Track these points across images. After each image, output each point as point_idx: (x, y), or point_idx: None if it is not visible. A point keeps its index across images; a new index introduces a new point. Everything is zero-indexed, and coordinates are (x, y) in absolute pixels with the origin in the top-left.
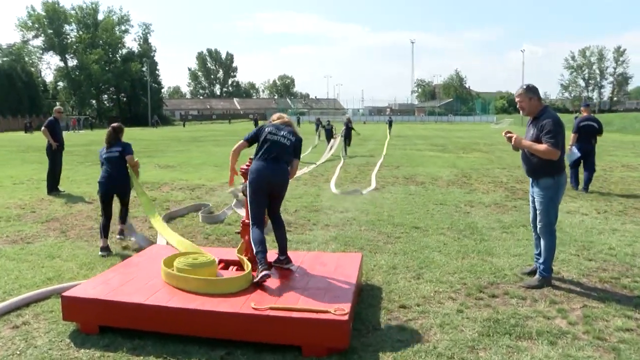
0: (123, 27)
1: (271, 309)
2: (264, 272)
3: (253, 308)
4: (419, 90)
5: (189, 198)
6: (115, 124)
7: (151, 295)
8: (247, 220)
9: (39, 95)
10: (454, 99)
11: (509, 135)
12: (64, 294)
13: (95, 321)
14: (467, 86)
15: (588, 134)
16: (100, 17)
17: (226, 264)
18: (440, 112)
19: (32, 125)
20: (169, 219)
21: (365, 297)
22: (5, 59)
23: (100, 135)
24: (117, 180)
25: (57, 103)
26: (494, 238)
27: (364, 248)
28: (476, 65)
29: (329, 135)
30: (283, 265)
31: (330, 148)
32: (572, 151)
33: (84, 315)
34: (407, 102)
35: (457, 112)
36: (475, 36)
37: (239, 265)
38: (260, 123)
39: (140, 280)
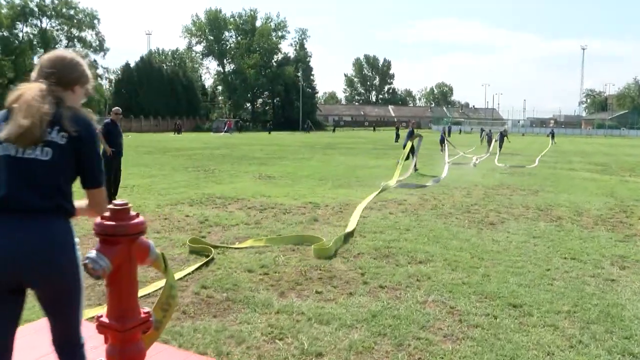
0: (280, 33)
1: None
2: None
3: None
4: (588, 101)
5: (243, 223)
6: None
7: None
8: None
9: (197, 98)
10: (630, 111)
11: None
12: None
13: None
14: None
15: None
16: (258, 23)
17: None
18: (612, 125)
19: (181, 126)
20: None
21: None
22: (169, 64)
23: (245, 138)
24: None
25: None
26: None
27: (400, 348)
28: None
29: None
30: None
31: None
32: None
33: None
34: (574, 113)
35: (633, 125)
36: None
37: None
38: (407, 131)
39: None
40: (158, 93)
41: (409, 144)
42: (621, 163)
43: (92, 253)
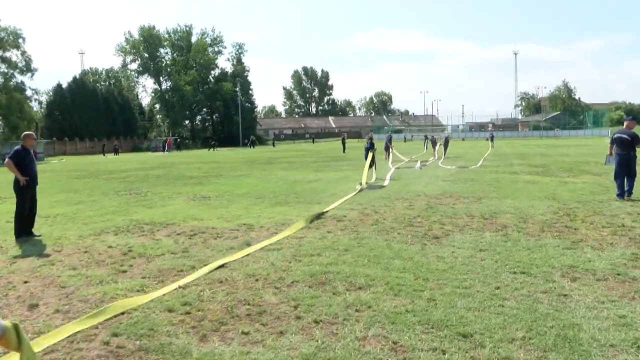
0: (216, 48)
1: None
2: None
3: None
4: (523, 104)
5: (169, 252)
6: None
7: None
8: None
9: (134, 117)
10: (562, 112)
11: None
12: None
13: None
14: (576, 97)
15: None
16: (193, 39)
17: None
18: (546, 127)
19: (116, 147)
20: None
21: None
22: (104, 83)
23: (184, 156)
24: None
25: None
26: None
27: None
28: (587, 77)
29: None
30: None
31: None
32: None
33: None
34: (510, 116)
35: (565, 126)
36: (585, 45)
37: None
38: (355, 142)
39: None
40: (93, 114)
41: (370, 155)
42: (559, 164)
43: None
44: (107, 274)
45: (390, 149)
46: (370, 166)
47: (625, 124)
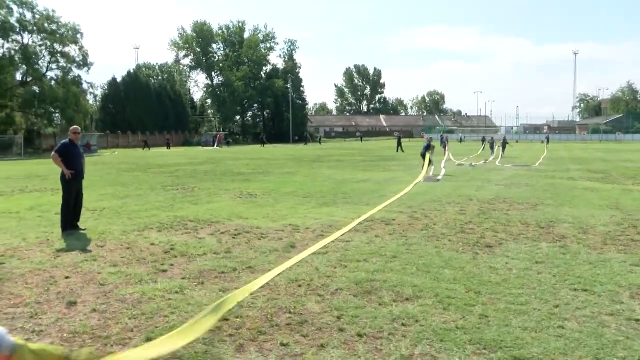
0: (268, 45)
1: None
2: None
3: None
4: (582, 106)
5: (211, 252)
6: None
7: None
8: None
9: (186, 112)
10: (625, 115)
11: None
12: None
13: None
14: None
15: None
16: (246, 35)
17: None
18: (607, 130)
19: (169, 141)
20: None
21: None
22: (157, 78)
23: (233, 152)
24: None
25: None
26: None
27: None
28: None
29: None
30: None
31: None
32: None
33: None
34: (567, 119)
35: (628, 129)
36: None
37: None
38: (406, 141)
39: None
40: (146, 108)
41: (427, 155)
42: (622, 170)
43: None
44: (147, 273)
45: (447, 148)
46: (429, 164)
47: None
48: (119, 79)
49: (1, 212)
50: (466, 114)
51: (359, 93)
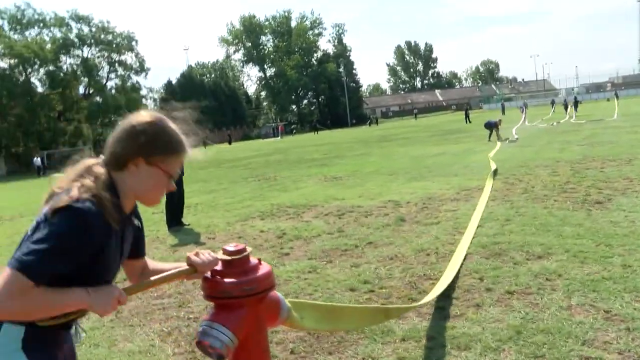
0: (316, 31)
1: None
2: None
3: None
4: None
5: (325, 233)
6: None
7: None
8: None
9: (241, 106)
10: None
11: None
12: None
13: None
14: None
15: None
16: (293, 24)
17: None
18: None
19: (230, 136)
20: None
21: None
22: (210, 76)
23: (296, 141)
24: None
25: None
26: None
27: None
28: None
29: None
30: None
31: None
32: None
33: None
34: (634, 72)
35: None
36: None
37: None
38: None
39: None
40: (202, 106)
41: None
42: None
43: (207, 325)
44: (271, 257)
45: (525, 112)
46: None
47: None
48: (173, 82)
49: None
50: (523, 80)
51: (412, 70)
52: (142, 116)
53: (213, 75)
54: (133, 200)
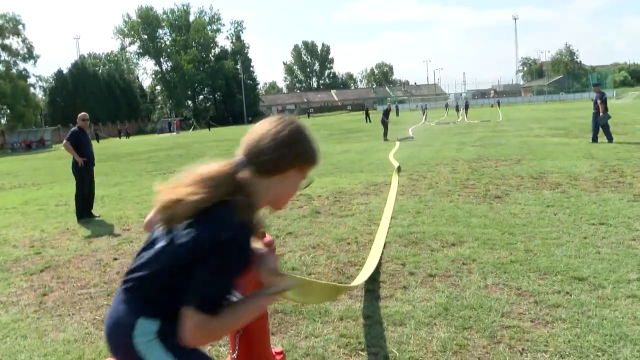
0: (215, 27)
1: None
2: None
3: None
4: (524, 69)
5: None
6: None
7: None
8: None
9: (136, 100)
10: (565, 76)
11: None
12: None
13: None
14: (578, 60)
15: None
16: (191, 18)
17: None
18: (550, 91)
19: (128, 130)
20: None
21: None
22: (104, 67)
23: (192, 136)
24: None
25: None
26: None
27: (495, 340)
28: (587, 37)
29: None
30: None
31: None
32: None
33: None
34: (512, 82)
35: (569, 89)
36: (585, 4)
37: None
38: (359, 114)
39: None
40: (95, 99)
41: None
42: (578, 126)
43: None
44: None
45: (426, 113)
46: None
47: None
48: (64, 71)
49: None
50: (415, 83)
51: (308, 69)
52: (292, 124)
53: (107, 67)
54: (265, 205)
